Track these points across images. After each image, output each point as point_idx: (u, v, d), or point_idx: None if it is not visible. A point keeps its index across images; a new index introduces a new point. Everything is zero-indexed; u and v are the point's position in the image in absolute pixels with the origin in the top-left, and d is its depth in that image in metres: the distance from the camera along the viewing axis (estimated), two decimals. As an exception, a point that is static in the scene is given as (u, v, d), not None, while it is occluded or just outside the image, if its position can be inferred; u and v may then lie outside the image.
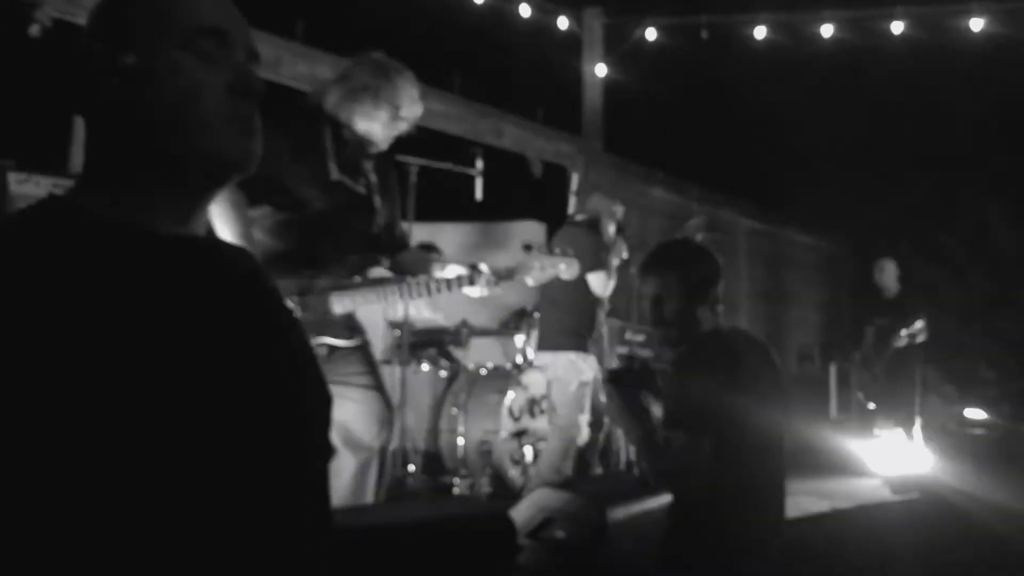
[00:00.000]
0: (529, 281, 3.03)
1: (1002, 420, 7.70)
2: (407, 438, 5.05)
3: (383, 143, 3.08)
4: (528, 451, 5.29)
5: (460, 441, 5.28)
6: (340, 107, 2.98)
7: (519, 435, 5.30)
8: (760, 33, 7.47)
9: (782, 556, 2.44)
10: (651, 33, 7.66)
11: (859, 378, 7.57)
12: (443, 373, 5.59)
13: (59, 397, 0.89)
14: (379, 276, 3.02)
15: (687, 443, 2.31)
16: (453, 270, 3.03)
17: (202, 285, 1.06)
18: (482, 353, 6.11)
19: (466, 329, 5.72)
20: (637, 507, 3.19)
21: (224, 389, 1.00)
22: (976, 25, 7.06)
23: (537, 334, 5.33)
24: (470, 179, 4.99)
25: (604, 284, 4.96)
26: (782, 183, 10.50)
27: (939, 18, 7.20)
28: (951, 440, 6.83)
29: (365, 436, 2.93)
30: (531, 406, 5.42)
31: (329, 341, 2.89)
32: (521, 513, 3.21)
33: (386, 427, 2.99)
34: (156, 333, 0.97)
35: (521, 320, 5.92)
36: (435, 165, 4.56)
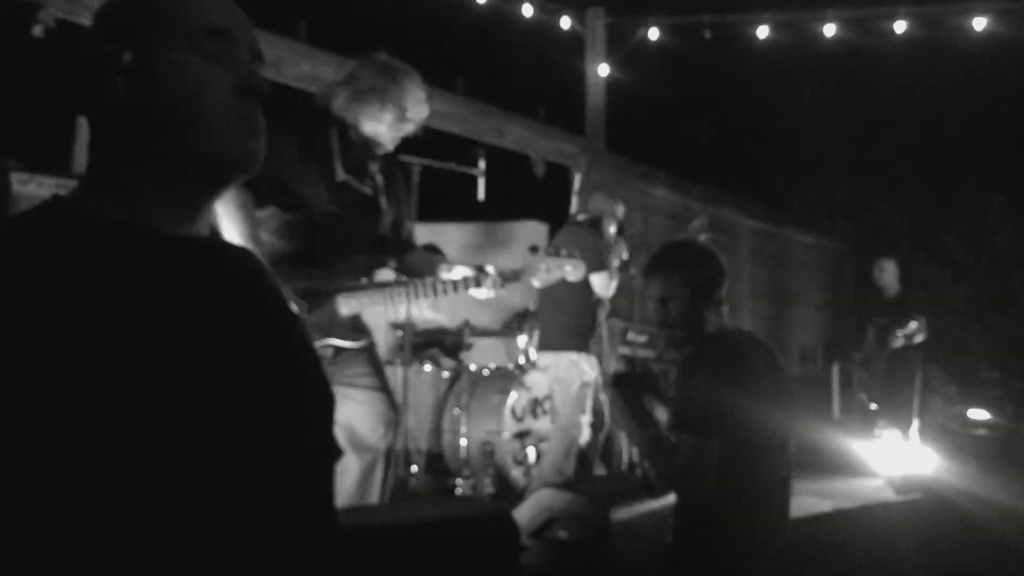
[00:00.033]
0: (535, 283, 3.03)
1: (1005, 420, 7.69)
2: (409, 439, 5.04)
3: (389, 144, 3.09)
4: (531, 452, 5.29)
5: (463, 442, 5.27)
6: (347, 109, 2.99)
7: (522, 436, 5.29)
8: (762, 33, 7.47)
9: (785, 556, 2.44)
10: (654, 33, 7.65)
11: (861, 378, 7.56)
12: (445, 374, 5.58)
13: (62, 398, 0.89)
14: (385, 277, 3.02)
15: (694, 444, 2.31)
16: (460, 272, 3.03)
17: (205, 286, 1.06)
18: (485, 354, 6.11)
19: (468, 330, 5.72)
20: (640, 507, 3.19)
21: (224, 389, 1.00)
22: (978, 25, 7.05)
23: (538, 334, 5.33)
24: (472, 179, 4.99)
25: (606, 285, 4.96)
26: (784, 183, 10.51)
27: (941, 17, 7.19)
28: (954, 440, 6.82)
29: (370, 437, 2.93)
30: (534, 407, 5.42)
31: (335, 342, 2.90)
32: (524, 513, 3.21)
33: (391, 428, 2.99)
34: (159, 334, 0.97)
35: (524, 321, 5.92)
36: (437, 165, 4.55)
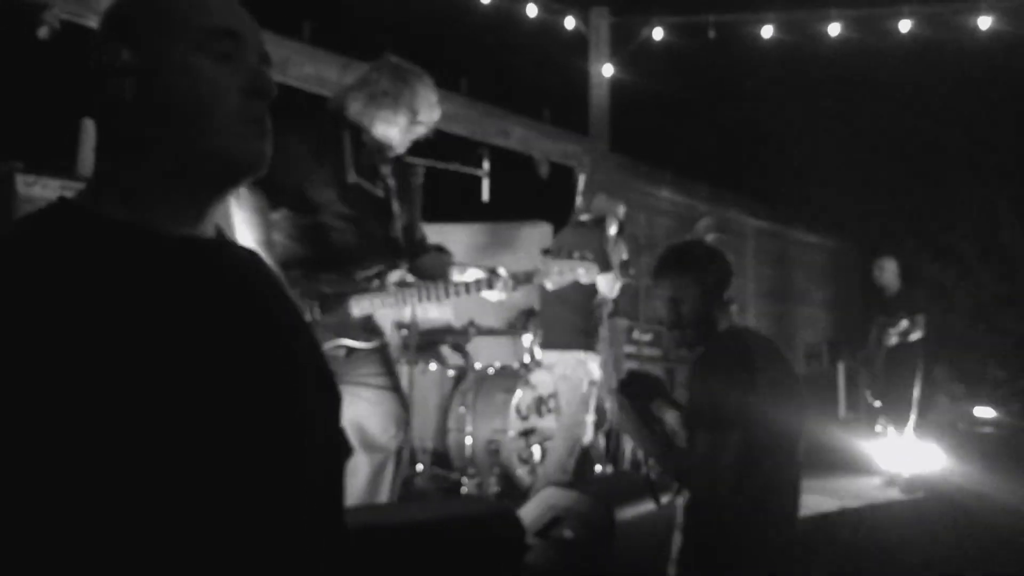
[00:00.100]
0: (548, 285, 3.03)
1: (1011, 419, 7.68)
2: (415, 437, 5.05)
3: (401, 147, 3.11)
4: (536, 450, 5.29)
5: (468, 440, 5.28)
6: (361, 113, 3.01)
7: (527, 434, 5.30)
8: (767, 32, 7.46)
9: (793, 555, 2.44)
10: (658, 33, 7.65)
11: (866, 377, 7.56)
12: (451, 372, 5.58)
13: (66, 398, 0.90)
14: (398, 279, 3.03)
15: (711, 441, 2.32)
16: (472, 274, 3.04)
17: (209, 286, 1.07)
18: (490, 352, 6.11)
19: (473, 329, 5.72)
20: (644, 506, 3.19)
21: (223, 389, 1.00)
22: (984, 23, 7.04)
23: (542, 332, 5.33)
24: (476, 180, 4.99)
25: (612, 284, 4.96)
26: (789, 182, 10.48)
27: (946, 16, 7.18)
28: (960, 439, 6.81)
29: (381, 437, 2.94)
30: (539, 405, 5.42)
31: (347, 343, 2.91)
32: (529, 512, 3.21)
33: (402, 428, 3.00)
34: (161, 334, 0.97)
35: (528, 320, 5.92)
36: (441, 166, 4.55)
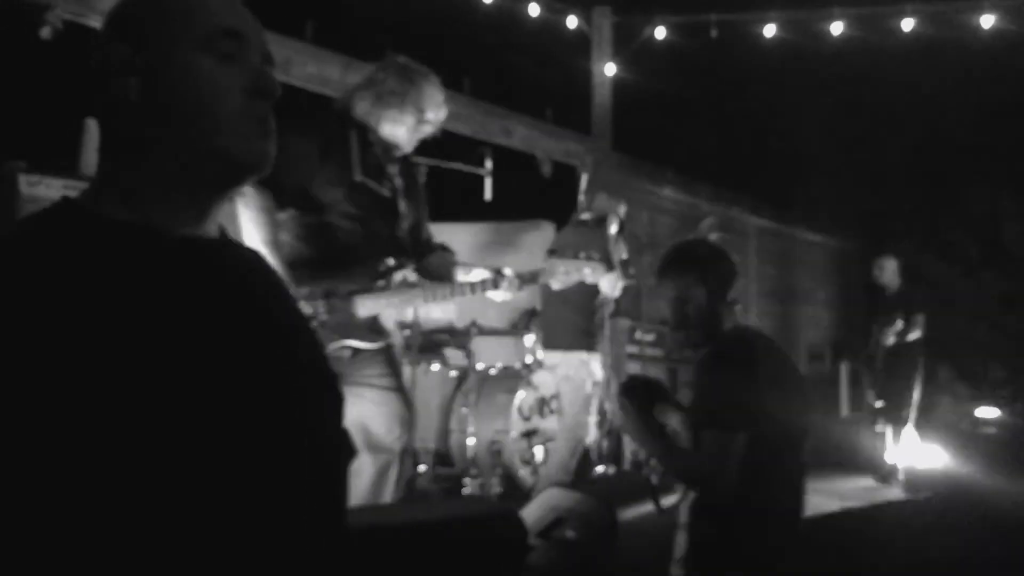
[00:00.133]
0: (555, 285, 3.03)
1: (1014, 419, 7.67)
2: (417, 438, 5.04)
3: (408, 146, 3.11)
4: (538, 451, 5.29)
5: (470, 441, 5.28)
6: (368, 112, 3.02)
7: (529, 435, 5.29)
8: (770, 31, 7.45)
9: (798, 555, 2.44)
10: (660, 32, 7.64)
11: (868, 377, 7.56)
12: (453, 373, 5.58)
13: (66, 398, 0.89)
14: (404, 279, 3.03)
15: (718, 439, 2.32)
16: (478, 274, 3.04)
17: (210, 287, 1.07)
18: (492, 353, 6.11)
19: (475, 329, 5.72)
20: (647, 507, 3.19)
21: (222, 389, 0.99)
22: (987, 22, 7.02)
23: (544, 333, 5.32)
24: (479, 179, 4.99)
25: (614, 284, 4.95)
26: (792, 181, 10.49)
27: (949, 15, 7.17)
28: (963, 439, 6.81)
29: (385, 438, 2.93)
30: (541, 406, 5.42)
31: (353, 344, 2.90)
32: (532, 513, 3.21)
33: (407, 429, 3.00)
34: (162, 334, 0.97)
35: (531, 320, 5.92)
36: (444, 165, 4.55)
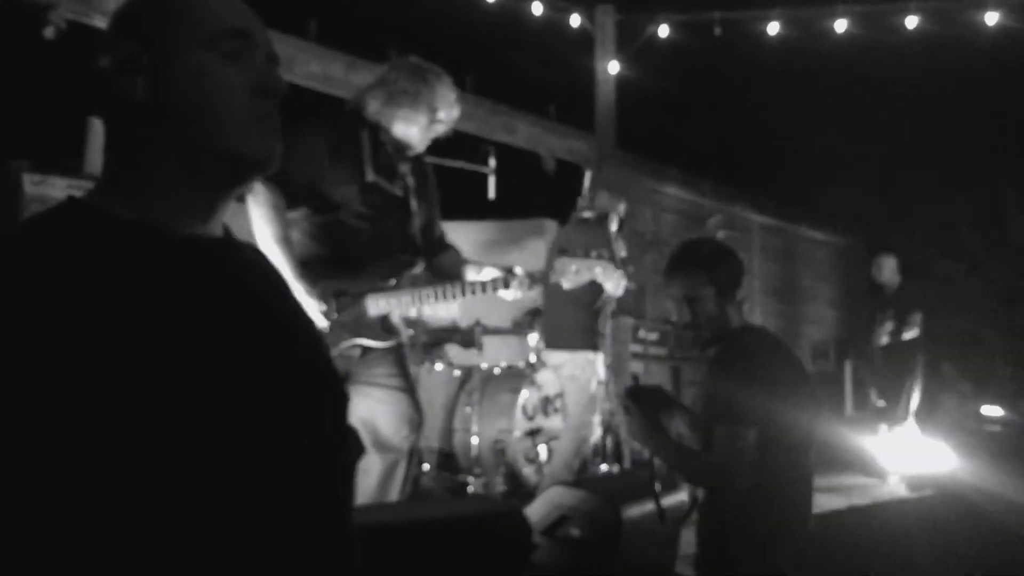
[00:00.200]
0: (566, 284, 3.03)
1: (1019, 417, 7.64)
2: (421, 437, 5.05)
3: (420, 146, 3.11)
4: (542, 450, 5.28)
5: (474, 440, 5.28)
6: (380, 112, 3.02)
7: (533, 434, 5.29)
8: (773, 29, 7.44)
9: (807, 553, 2.44)
10: (663, 30, 7.64)
11: (870, 375, 7.56)
12: (457, 372, 5.58)
13: (66, 397, 0.89)
14: (415, 278, 3.03)
15: (731, 436, 2.32)
16: (488, 273, 3.03)
17: (212, 286, 1.07)
18: (496, 352, 6.10)
19: (480, 328, 5.71)
20: (651, 505, 3.18)
21: (222, 388, 0.99)
22: (991, 19, 7.01)
23: (547, 332, 5.29)
24: (483, 177, 4.99)
25: (618, 283, 4.94)
26: (795, 179, 10.46)
27: (953, 12, 7.16)
28: (967, 437, 6.79)
29: (393, 438, 2.93)
30: (545, 405, 5.41)
31: (363, 342, 2.90)
32: (536, 511, 3.20)
33: (415, 430, 3.00)
34: (165, 333, 0.97)
35: (534, 319, 5.90)
36: (448, 163, 4.55)
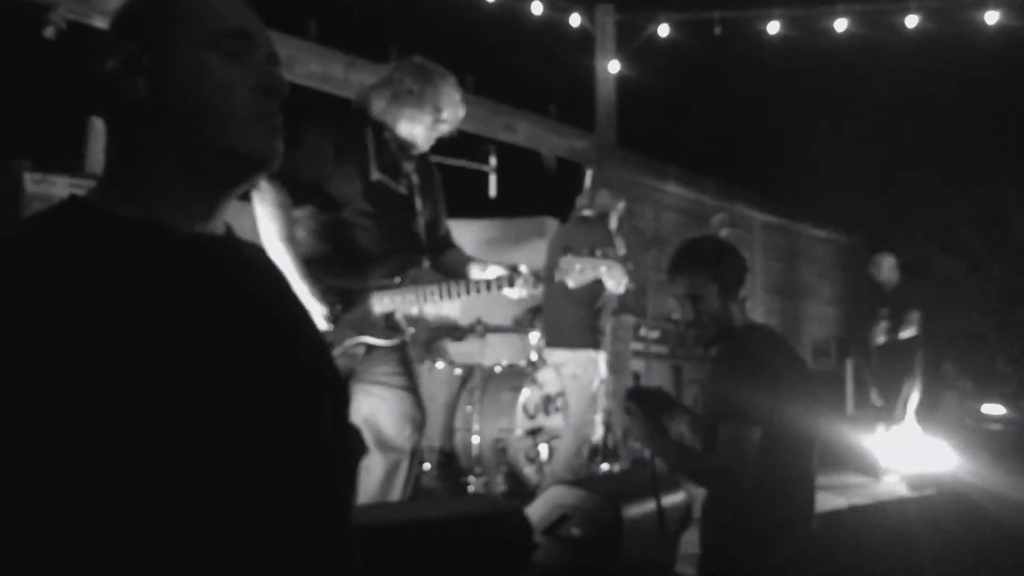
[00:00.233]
0: (570, 283, 3.03)
1: (1020, 415, 7.64)
2: (424, 437, 5.05)
3: (424, 145, 3.12)
4: (543, 449, 5.29)
5: (475, 439, 5.28)
6: (385, 112, 3.03)
7: (534, 433, 5.29)
8: (773, 28, 7.44)
9: (810, 551, 2.45)
10: (664, 29, 7.63)
11: (869, 374, 7.56)
12: (458, 371, 5.58)
13: (66, 397, 0.90)
14: (419, 276, 3.03)
15: (736, 433, 2.32)
16: (494, 271, 3.03)
17: (213, 285, 1.07)
18: (496, 350, 6.10)
19: (481, 326, 5.72)
20: (652, 504, 3.19)
21: (222, 387, 0.99)
22: (991, 18, 7.00)
23: (548, 330, 5.28)
24: (484, 175, 4.99)
25: (620, 281, 4.93)
26: (797, 177, 10.46)
27: (953, 11, 7.15)
28: (968, 436, 6.79)
29: (396, 438, 2.94)
30: (546, 404, 5.41)
31: (368, 340, 2.90)
32: (537, 511, 3.21)
33: (418, 429, 3.00)
34: (165, 332, 0.97)
35: (535, 317, 5.90)
36: (449, 162, 4.55)
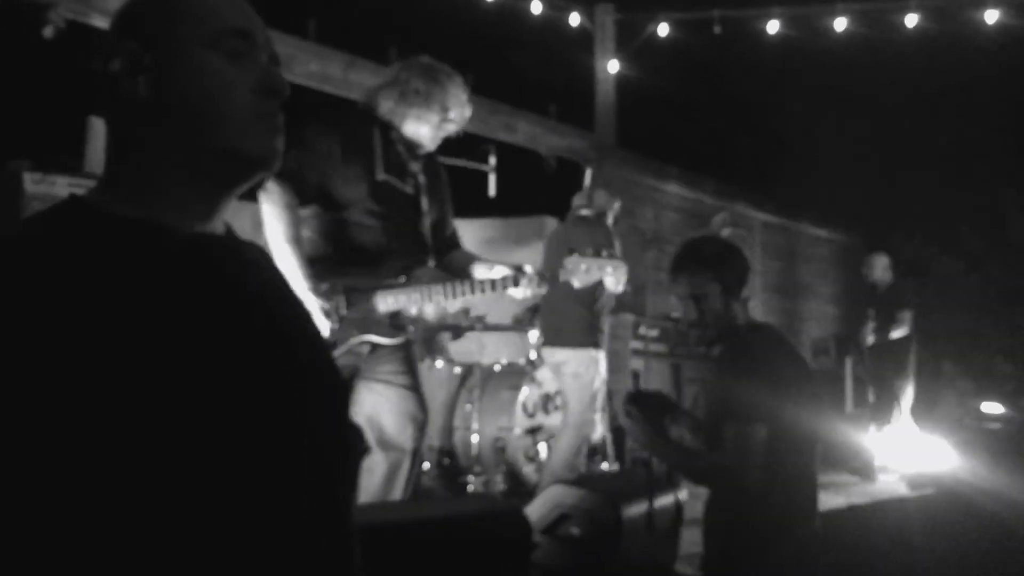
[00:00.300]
0: (575, 283, 3.03)
1: (1020, 414, 7.64)
2: (425, 436, 5.05)
3: (431, 145, 3.13)
4: (542, 448, 5.28)
5: (474, 438, 5.28)
6: (392, 112, 3.03)
7: (533, 432, 5.29)
8: (773, 27, 7.44)
9: (813, 551, 2.45)
10: (663, 28, 7.63)
11: (865, 373, 7.57)
12: (457, 370, 5.58)
13: (65, 396, 0.90)
14: (425, 275, 3.03)
15: (741, 432, 2.32)
16: (499, 271, 3.03)
17: (213, 284, 1.07)
18: (496, 349, 6.10)
19: (479, 324, 5.72)
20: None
21: (222, 387, 0.99)
22: (991, 17, 7.01)
23: (548, 329, 5.27)
24: (483, 175, 5.00)
25: (619, 280, 4.92)
26: (796, 176, 10.46)
27: (953, 10, 7.15)
28: (967, 435, 6.79)
29: (398, 437, 2.94)
30: (545, 402, 5.41)
31: (372, 339, 2.90)
32: (536, 510, 3.21)
33: (420, 429, 3.00)
34: (166, 332, 0.97)
35: (535, 316, 5.89)
36: (448, 162, 4.56)
